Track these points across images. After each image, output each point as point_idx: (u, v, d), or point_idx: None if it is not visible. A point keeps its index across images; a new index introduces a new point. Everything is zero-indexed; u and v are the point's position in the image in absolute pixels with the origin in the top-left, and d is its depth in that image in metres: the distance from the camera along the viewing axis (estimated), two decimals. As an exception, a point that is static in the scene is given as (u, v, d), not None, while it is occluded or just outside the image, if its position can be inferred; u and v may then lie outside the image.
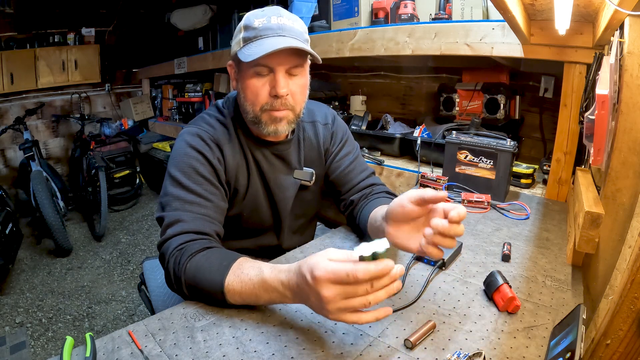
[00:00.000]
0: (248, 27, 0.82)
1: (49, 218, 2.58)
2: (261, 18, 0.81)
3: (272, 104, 0.84)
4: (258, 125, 0.87)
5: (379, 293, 0.53)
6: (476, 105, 1.76)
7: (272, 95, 0.83)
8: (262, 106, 0.84)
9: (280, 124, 0.86)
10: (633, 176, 0.73)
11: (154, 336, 0.62)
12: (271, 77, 0.83)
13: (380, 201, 0.94)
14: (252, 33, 0.81)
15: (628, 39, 0.73)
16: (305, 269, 0.56)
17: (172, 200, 0.80)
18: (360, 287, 0.52)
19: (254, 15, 0.83)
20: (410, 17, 1.71)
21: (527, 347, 0.60)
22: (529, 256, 0.91)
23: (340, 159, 1.04)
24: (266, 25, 0.81)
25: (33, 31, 3.60)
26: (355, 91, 2.44)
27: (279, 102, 0.84)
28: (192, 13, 3.13)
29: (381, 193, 1.00)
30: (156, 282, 1.12)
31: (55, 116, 3.74)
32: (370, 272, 0.51)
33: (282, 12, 0.84)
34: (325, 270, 0.53)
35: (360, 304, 0.53)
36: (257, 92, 0.83)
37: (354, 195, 1.01)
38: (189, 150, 0.84)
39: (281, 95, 0.82)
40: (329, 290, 0.53)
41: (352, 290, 0.53)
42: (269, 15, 0.82)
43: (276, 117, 0.85)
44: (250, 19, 0.82)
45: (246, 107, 0.86)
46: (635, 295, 0.51)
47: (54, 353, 1.82)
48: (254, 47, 0.79)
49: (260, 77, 0.83)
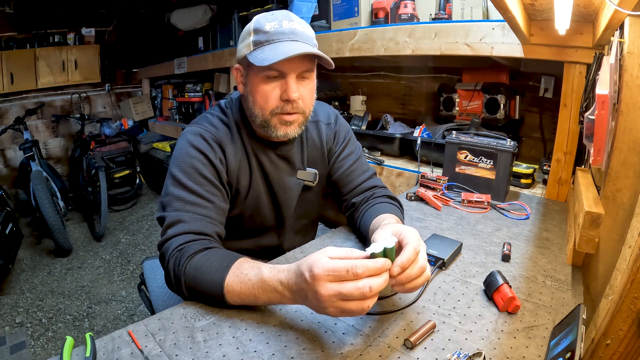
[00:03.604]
0: (259, 31, 0.81)
1: (49, 218, 2.58)
2: (272, 22, 0.81)
3: (283, 107, 0.84)
4: (267, 129, 0.87)
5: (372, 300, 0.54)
6: (476, 105, 1.76)
7: (284, 99, 0.83)
8: (272, 110, 0.84)
9: (290, 127, 0.87)
10: (633, 176, 0.73)
11: (154, 336, 0.62)
12: (282, 82, 0.83)
13: (381, 207, 0.93)
14: (263, 37, 0.80)
15: (628, 39, 0.73)
16: (304, 267, 0.56)
17: (173, 201, 0.80)
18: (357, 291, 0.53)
19: (265, 19, 0.81)
20: (410, 17, 1.71)
21: (527, 347, 0.60)
22: (529, 256, 0.91)
23: (342, 159, 1.04)
24: (278, 29, 0.80)
25: (33, 31, 3.60)
26: (355, 91, 2.44)
27: (290, 106, 0.84)
28: (192, 13, 3.13)
29: (382, 197, 0.99)
30: (156, 282, 1.12)
31: (55, 116, 3.74)
32: (369, 268, 0.53)
33: (292, 17, 0.83)
34: (324, 268, 0.54)
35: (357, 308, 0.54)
36: (267, 96, 0.83)
37: (356, 198, 1.01)
38: (191, 150, 0.84)
39: (293, 99, 0.83)
40: (327, 289, 0.53)
41: (350, 292, 0.53)
42: (280, 20, 0.81)
43: (287, 121, 0.86)
44: (261, 23, 0.81)
45: (255, 111, 0.86)
46: (635, 295, 0.51)
47: (54, 353, 1.82)
48: (267, 52, 0.79)
49: (271, 81, 0.83)
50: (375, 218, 0.88)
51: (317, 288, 0.54)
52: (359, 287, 0.53)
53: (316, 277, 0.54)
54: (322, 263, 0.54)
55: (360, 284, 0.53)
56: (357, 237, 1.01)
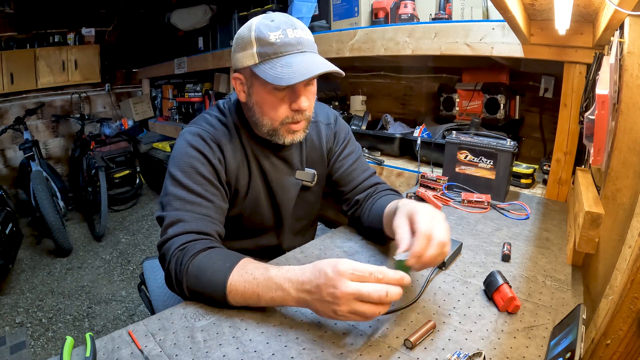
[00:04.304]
0: (263, 42, 0.78)
1: (49, 218, 2.58)
2: (276, 31, 0.78)
3: (293, 117, 0.85)
4: (274, 137, 0.87)
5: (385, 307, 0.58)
6: (476, 105, 1.76)
7: (294, 109, 0.84)
8: (282, 120, 0.85)
9: (297, 134, 0.88)
10: (633, 176, 0.73)
11: (154, 336, 0.62)
12: (290, 92, 0.83)
13: (388, 198, 0.95)
14: (270, 49, 0.78)
15: (628, 39, 0.73)
16: (324, 264, 0.59)
17: (172, 200, 0.80)
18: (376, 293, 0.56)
19: (267, 28, 0.78)
20: (410, 17, 1.71)
21: (527, 347, 0.60)
22: (529, 256, 0.91)
23: (343, 158, 1.05)
24: (284, 40, 0.78)
25: (33, 31, 3.60)
26: (355, 91, 2.44)
27: (300, 115, 0.85)
28: (192, 13, 3.13)
29: (386, 191, 1.01)
30: (156, 282, 1.12)
31: (55, 116, 3.74)
32: (389, 277, 0.58)
33: (294, 22, 0.81)
34: (350, 266, 0.57)
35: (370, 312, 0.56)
36: (276, 107, 0.83)
37: (359, 195, 1.02)
38: (190, 150, 0.84)
39: (304, 109, 0.84)
40: (347, 286, 0.56)
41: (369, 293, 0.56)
42: (283, 28, 0.78)
43: (295, 130, 0.87)
44: (263, 32, 0.78)
45: (263, 121, 0.85)
46: (635, 295, 0.51)
47: (54, 353, 1.82)
48: (280, 68, 0.77)
49: (279, 92, 0.82)
50: (387, 207, 0.87)
51: (337, 283, 0.56)
52: (377, 290, 0.56)
53: (340, 272, 0.57)
54: (347, 262, 0.58)
55: (379, 287, 0.56)
56: (357, 237, 1.01)
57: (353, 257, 0.90)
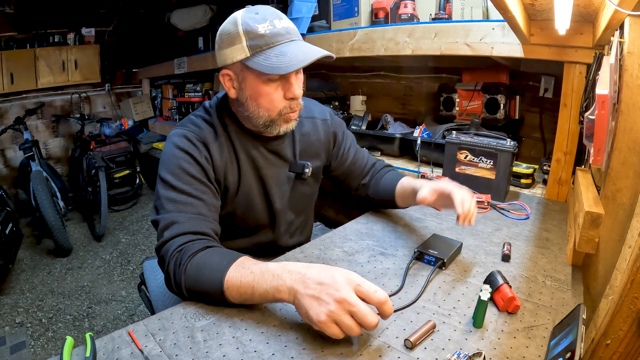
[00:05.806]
0: (252, 34, 0.79)
1: (49, 218, 2.58)
2: (263, 23, 0.79)
3: (290, 106, 0.87)
4: (270, 128, 0.89)
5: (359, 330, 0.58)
6: (476, 105, 1.76)
7: (288, 98, 0.85)
8: (280, 111, 0.86)
9: (291, 122, 0.91)
10: (633, 176, 0.73)
11: (154, 336, 0.62)
12: (283, 81, 0.84)
13: (390, 175, 1.11)
14: (261, 41, 0.79)
15: (628, 39, 0.73)
16: (336, 269, 0.60)
17: (165, 203, 0.80)
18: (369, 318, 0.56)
19: (254, 20, 0.79)
20: (410, 17, 1.71)
21: (527, 347, 0.60)
22: (529, 256, 0.91)
23: (346, 151, 1.12)
24: (273, 30, 0.79)
25: (33, 31, 3.60)
26: (355, 91, 2.44)
27: (295, 103, 0.87)
28: (192, 13, 3.13)
29: (385, 169, 1.16)
30: (156, 282, 1.12)
31: (55, 116, 3.73)
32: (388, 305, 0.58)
33: (278, 13, 0.83)
34: (361, 279, 0.59)
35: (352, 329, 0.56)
36: (272, 98, 0.84)
37: (364, 179, 1.14)
38: (177, 152, 0.85)
39: (298, 96, 0.86)
40: (349, 295, 0.56)
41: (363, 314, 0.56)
42: (270, 19, 0.80)
43: (292, 119, 0.89)
44: (251, 25, 0.79)
45: (259, 113, 0.86)
46: (635, 295, 0.51)
47: (54, 353, 1.81)
48: (274, 57, 0.78)
49: (272, 82, 0.83)
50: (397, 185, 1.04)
51: (342, 288, 0.57)
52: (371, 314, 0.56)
53: (349, 280, 0.58)
54: (357, 276, 0.59)
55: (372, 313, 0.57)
56: (357, 237, 1.01)
57: (353, 257, 0.90)
